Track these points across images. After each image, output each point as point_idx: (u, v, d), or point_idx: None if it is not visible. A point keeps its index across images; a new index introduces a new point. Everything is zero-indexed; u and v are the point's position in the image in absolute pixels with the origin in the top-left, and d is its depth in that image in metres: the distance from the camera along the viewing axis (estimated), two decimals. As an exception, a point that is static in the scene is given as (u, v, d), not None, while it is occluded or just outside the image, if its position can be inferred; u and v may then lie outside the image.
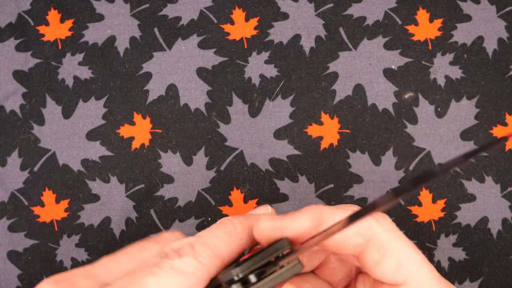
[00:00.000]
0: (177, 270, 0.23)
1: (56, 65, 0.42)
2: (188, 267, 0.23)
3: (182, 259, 0.23)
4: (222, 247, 0.25)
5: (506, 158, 0.41)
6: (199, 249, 0.24)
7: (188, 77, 0.42)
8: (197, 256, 0.24)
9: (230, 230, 0.26)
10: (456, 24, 0.42)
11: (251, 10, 0.43)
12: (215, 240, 0.25)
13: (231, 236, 0.25)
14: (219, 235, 0.25)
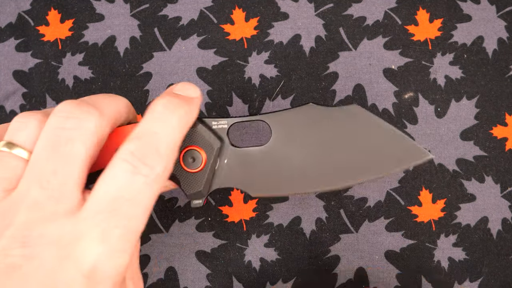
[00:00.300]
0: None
1: (56, 65, 0.42)
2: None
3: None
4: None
5: (506, 158, 0.41)
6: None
7: (188, 77, 0.42)
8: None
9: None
10: (456, 24, 0.42)
11: (251, 10, 0.43)
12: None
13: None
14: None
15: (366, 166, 0.30)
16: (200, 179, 0.31)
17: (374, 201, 0.40)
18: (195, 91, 0.30)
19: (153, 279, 0.39)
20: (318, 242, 0.40)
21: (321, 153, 0.31)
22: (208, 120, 0.31)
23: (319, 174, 0.30)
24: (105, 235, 0.25)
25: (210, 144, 0.30)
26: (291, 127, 0.31)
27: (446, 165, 0.41)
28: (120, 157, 0.26)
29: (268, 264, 0.39)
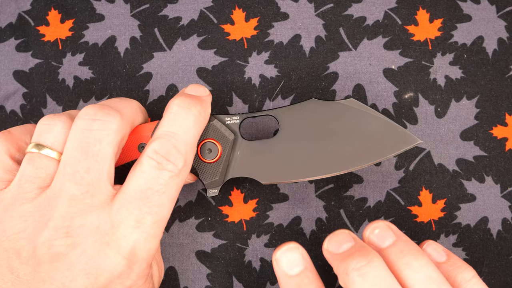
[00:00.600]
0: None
1: (56, 65, 0.42)
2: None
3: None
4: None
5: (506, 158, 0.41)
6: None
7: (188, 77, 0.42)
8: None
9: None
10: (456, 24, 0.42)
11: (251, 10, 0.43)
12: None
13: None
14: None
15: (363, 153, 0.34)
16: (216, 169, 0.34)
17: (374, 201, 0.40)
18: (205, 90, 0.34)
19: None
20: (318, 242, 0.40)
21: (323, 143, 0.34)
22: (221, 116, 0.35)
23: (322, 162, 0.34)
24: (139, 221, 0.29)
25: (225, 136, 0.34)
26: (296, 120, 0.35)
27: (446, 165, 0.41)
28: (146, 155, 0.30)
29: (268, 264, 0.39)
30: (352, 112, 0.35)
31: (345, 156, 0.34)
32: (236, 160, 0.35)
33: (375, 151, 0.34)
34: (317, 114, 0.35)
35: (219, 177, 0.34)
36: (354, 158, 0.34)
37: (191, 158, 0.31)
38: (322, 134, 0.35)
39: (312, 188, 0.40)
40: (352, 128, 0.35)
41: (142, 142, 0.33)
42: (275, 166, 0.35)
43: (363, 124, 0.34)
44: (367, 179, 0.40)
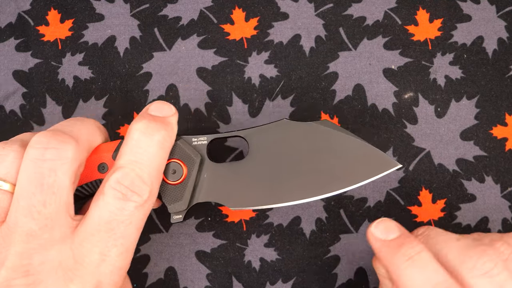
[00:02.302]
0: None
1: (56, 65, 0.42)
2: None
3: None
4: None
5: (506, 158, 0.41)
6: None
7: (188, 77, 0.42)
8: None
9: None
10: (456, 24, 0.42)
11: (251, 10, 0.43)
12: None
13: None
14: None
15: (338, 178, 0.32)
16: (180, 192, 0.32)
17: (374, 201, 0.40)
18: (170, 108, 0.32)
19: (153, 279, 0.39)
20: (318, 242, 0.40)
21: (296, 166, 0.32)
22: (187, 137, 0.33)
23: (294, 187, 0.32)
24: (104, 254, 0.27)
25: (191, 157, 0.32)
26: (266, 142, 0.33)
27: (446, 165, 0.41)
28: (110, 186, 0.28)
29: (268, 264, 0.39)
30: (326, 134, 0.33)
31: (318, 181, 0.32)
32: (203, 183, 0.33)
33: (351, 175, 0.32)
34: (289, 135, 0.33)
35: (184, 200, 0.32)
36: (329, 183, 0.32)
37: (157, 187, 0.30)
38: (294, 157, 0.32)
39: (312, 188, 0.40)
40: (326, 151, 0.32)
41: (103, 162, 0.32)
42: (245, 191, 0.32)
43: (338, 147, 0.32)
44: (367, 179, 0.40)
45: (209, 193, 0.33)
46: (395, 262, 0.30)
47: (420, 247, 0.30)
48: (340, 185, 0.32)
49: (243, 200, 0.32)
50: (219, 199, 0.33)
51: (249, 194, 0.32)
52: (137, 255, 0.40)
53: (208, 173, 0.33)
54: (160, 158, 0.30)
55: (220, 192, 0.33)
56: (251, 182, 0.32)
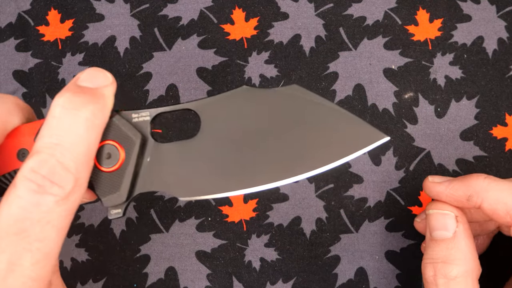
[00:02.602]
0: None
1: (56, 65, 0.42)
2: None
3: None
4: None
5: (506, 158, 0.41)
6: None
7: (188, 77, 0.42)
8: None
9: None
10: (456, 24, 0.42)
11: (251, 10, 0.43)
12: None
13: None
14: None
15: (312, 156, 0.26)
16: (117, 180, 0.26)
17: (374, 201, 0.40)
18: (105, 77, 0.25)
19: (153, 279, 0.39)
20: (318, 242, 0.40)
21: (260, 143, 0.26)
22: (126, 112, 0.27)
23: (257, 169, 0.26)
24: (14, 263, 0.22)
25: (130, 137, 0.26)
26: (222, 115, 0.27)
27: (446, 165, 0.41)
28: (23, 176, 0.22)
29: (268, 264, 0.39)
30: (295, 102, 0.26)
31: (289, 161, 0.26)
32: (145, 169, 0.26)
33: (329, 151, 0.26)
34: (250, 106, 0.26)
35: (122, 191, 0.26)
36: (301, 162, 0.26)
37: (86, 175, 0.24)
38: (258, 132, 0.26)
39: (312, 188, 0.40)
40: (296, 123, 0.26)
41: (23, 147, 0.26)
42: (197, 176, 0.26)
43: (312, 117, 0.26)
44: (367, 179, 0.40)
45: (153, 180, 0.26)
46: (430, 273, 0.31)
47: (455, 272, 0.31)
48: (315, 163, 0.26)
49: (195, 188, 0.26)
50: (166, 187, 0.26)
51: (203, 180, 0.26)
52: (137, 255, 0.40)
53: (152, 156, 0.26)
54: (89, 140, 0.24)
55: (166, 178, 0.26)
56: (204, 165, 0.26)
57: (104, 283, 0.39)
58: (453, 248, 0.31)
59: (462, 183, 0.32)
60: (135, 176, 0.26)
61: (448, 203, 0.33)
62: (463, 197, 0.32)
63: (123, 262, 0.39)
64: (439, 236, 0.32)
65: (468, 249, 0.31)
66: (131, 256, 0.40)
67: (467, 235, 0.32)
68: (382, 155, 0.41)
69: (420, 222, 0.36)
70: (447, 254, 0.31)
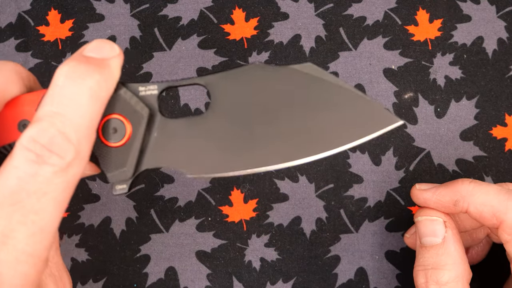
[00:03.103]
0: None
1: (56, 65, 0.42)
2: None
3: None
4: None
5: (506, 158, 0.41)
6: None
7: (188, 77, 0.42)
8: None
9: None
10: (456, 24, 0.43)
11: (251, 10, 0.43)
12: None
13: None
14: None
15: (325, 136, 0.26)
16: (124, 156, 0.25)
17: (374, 201, 0.40)
18: (112, 49, 0.25)
19: (153, 279, 0.39)
20: (318, 242, 0.40)
21: (272, 121, 0.26)
22: (133, 85, 0.26)
23: (268, 148, 0.25)
24: (7, 236, 0.21)
25: (137, 111, 0.25)
26: (234, 91, 0.26)
27: (446, 165, 0.41)
28: (21, 145, 0.22)
29: (268, 264, 0.39)
30: (309, 81, 0.26)
31: (300, 140, 0.25)
32: (152, 145, 0.26)
33: (342, 133, 0.25)
34: (262, 83, 0.26)
35: (128, 167, 0.25)
36: (314, 142, 0.25)
37: (87, 148, 0.23)
38: (270, 110, 0.25)
39: (312, 188, 0.40)
40: (310, 102, 0.26)
41: (24, 118, 0.25)
42: (206, 153, 0.25)
43: (325, 97, 0.25)
44: (367, 179, 0.40)
45: (160, 156, 0.25)
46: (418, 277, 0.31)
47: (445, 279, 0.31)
48: (328, 145, 0.25)
49: (204, 165, 0.25)
50: (174, 163, 0.25)
51: (211, 157, 0.25)
52: (137, 255, 0.40)
53: (159, 131, 0.26)
54: (92, 110, 0.23)
55: (174, 155, 0.25)
56: (213, 142, 0.25)
57: (104, 283, 0.39)
58: (443, 254, 0.31)
59: (449, 189, 0.32)
60: (141, 152, 0.25)
61: (436, 209, 0.33)
62: (450, 202, 0.32)
63: (123, 262, 0.39)
64: (429, 242, 0.32)
65: (457, 254, 0.31)
66: (131, 256, 0.40)
67: (456, 240, 0.32)
68: (382, 155, 0.41)
69: (410, 237, 0.36)
70: (437, 260, 0.31)
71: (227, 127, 0.26)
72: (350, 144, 0.25)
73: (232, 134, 0.26)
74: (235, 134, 0.26)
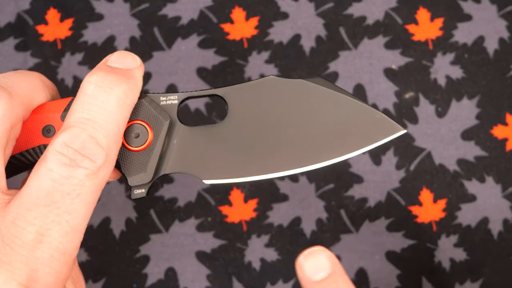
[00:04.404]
0: None
1: (55, 64, 0.42)
2: None
3: None
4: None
5: (507, 159, 0.41)
6: None
7: (188, 77, 0.42)
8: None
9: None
10: (456, 24, 0.42)
11: (251, 9, 0.43)
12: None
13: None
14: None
15: (333, 145, 0.27)
16: (144, 160, 0.27)
17: (374, 201, 0.40)
18: (134, 59, 0.26)
19: (153, 279, 0.39)
20: (319, 242, 0.40)
21: (285, 130, 0.27)
22: (154, 95, 0.27)
23: (281, 156, 0.27)
24: (42, 234, 0.22)
25: (159, 118, 0.27)
26: (249, 102, 0.28)
27: (447, 165, 0.40)
28: (54, 149, 0.23)
29: (268, 264, 0.39)
30: (320, 93, 0.27)
31: (310, 148, 0.27)
32: (171, 151, 0.27)
33: (349, 141, 0.27)
34: (276, 94, 0.28)
35: (148, 171, 0.27)
36: (322, 150, 0.27)
37: (115, 152, 0.24)
38: (282, 120, 0.27)
39: (313, 188, 0.40)
40: (320, 113, 0.27)
41: (49, 124, 0.27)
42: (222, 160, 0.27)
43: (333, 108, 0.27)
44: (368, 179, 0.40)
45: (179, 162, 0.27)
46: None
47: None
48: (337, 152, 0.27)
49: (219, 171, 0.27)
50: (191, 169, 0.27)
51: (227, 163, 0.27)
52: (137, 255, 0.40)
53: (179, 138, 0.27)
54: (119, 117, 0.24)
55: (192, 161, 0.27)
56: (230, 149, 0.27)
57: (104, 283, 0.39)
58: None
59: None
60: (161, 157, 0.27)
61: None
62: None
63: (123, 262, 0.39)
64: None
65: None
66: (131, 256, 0.39)
67: None
68: (382, 155, 0.41)
69: None
70: None
71: (242, 135, 0.27)
72: (357, 151, 0.27)
73: (247, 142, 0.27)
74: (250, 142, 0.27)
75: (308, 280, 0.26)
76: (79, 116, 0.24)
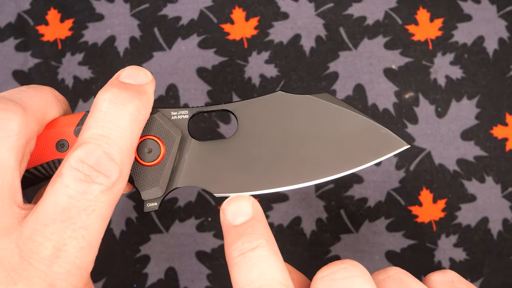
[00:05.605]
0: None
1: (55, 65, 0.42)
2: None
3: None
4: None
5: (507, 159, 0.41)
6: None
7: (188, 77, 0.42)
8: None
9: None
10: (456, 24, 0.42)
11: (251, 9, 0.43)
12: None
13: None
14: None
15: (339, 159, 0.28)
16: (157, 174, 0.27)
17: (374, 201, 0.40)
18: (146, 75, 0.27)
19: (153, 279, 0.39)
20: (319, 242, 0.40)
21: (293, 145, 0.28)
22: (165, 110, 0.28)
23: (289, 170, 0.28)
24: (59, 250, 0.22)
25: (170, 133, 0.27)
26: (258, 117, 0.29)
27: (447, 165, 0.40)
28: (70, 165, 0.23)
29: (268, 264, 0.39)
30: (326, 108, 0.28)
31: (318, 162, 0.28)
32: (183, 165, 0.28)
33: (355, 156, 0.28)
34: (284, 109, 0.28)
35: (161, 185, 0.27)
36: (329, 164, 0.28)
37: (129, 168, 0.25)
38: (290, 135, 0.28)
39: (313, 188, 0.40)
40: (326, 128, 0.28)
41: (62, 138, 0.27)
42: (232, 174, 0.28)
43: (340, 123, 0.28)
44: (368, 179, 0.40)
45: (190, 176, 0.28)
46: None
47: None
48: (343, 167, 0.28)
49: (229, 185, 0.28)
50: (202, 183, 0.28)
51: (237, 177, 0.28)
52: (137, 255, 0.40)
53: (190, 153, 0.28)
54: (133, 133, 0.25)
55: (203, 175, 0.28)
56: (239, 163, 0.28)
57: (104, 283, 0.39)
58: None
59: (226, 246, 0.27)
60: (173, 172, 0.28)
61: None
62: None
63: (123, 262, 0.39)
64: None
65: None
66: (131, 256, 0.40)
67: None
68: (382, 155, 0.41)
69: None
70: None
71: (252, 150, 0.28)
72: (363, 165, 0.28)
73: (256, 157, 0.28)
74: (259, 157, 0.28)
75: (228, 224, 0.26)
76: (94, 132, 0.24)
